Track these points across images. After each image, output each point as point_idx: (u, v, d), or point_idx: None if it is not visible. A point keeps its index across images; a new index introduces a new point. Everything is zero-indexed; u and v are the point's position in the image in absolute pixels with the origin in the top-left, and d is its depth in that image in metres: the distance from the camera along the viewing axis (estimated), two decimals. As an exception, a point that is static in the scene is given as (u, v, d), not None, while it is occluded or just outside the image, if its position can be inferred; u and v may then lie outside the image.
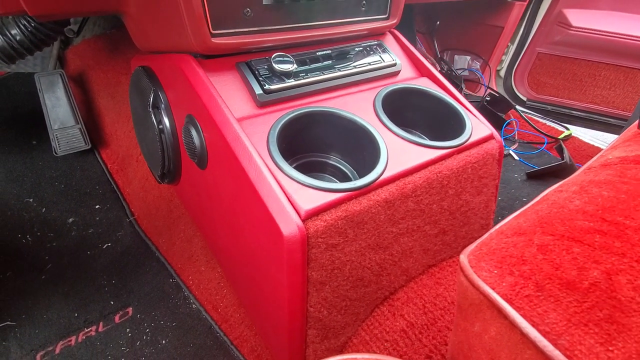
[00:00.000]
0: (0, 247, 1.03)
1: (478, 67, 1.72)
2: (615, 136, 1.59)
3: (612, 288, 0.27)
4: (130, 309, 0.91)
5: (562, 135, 1.41)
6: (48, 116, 1.19)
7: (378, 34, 0.83)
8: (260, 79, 0.63)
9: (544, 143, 1.39)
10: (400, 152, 0.59)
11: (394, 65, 0.76)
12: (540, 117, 1.59)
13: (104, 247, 1.07)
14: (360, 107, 0.66)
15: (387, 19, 0.80)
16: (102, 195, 1.21)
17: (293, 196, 0.49)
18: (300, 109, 0.62)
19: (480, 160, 0.66)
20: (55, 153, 1.17)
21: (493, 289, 0.31)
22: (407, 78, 0.79)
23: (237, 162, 0.53)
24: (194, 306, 0.88)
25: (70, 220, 1.13)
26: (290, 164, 0.67)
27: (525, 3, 1.52)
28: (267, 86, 0.62)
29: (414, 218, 0.60)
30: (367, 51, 0.76)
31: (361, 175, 0.65)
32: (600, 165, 0.51)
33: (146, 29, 0.75)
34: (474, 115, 0.71)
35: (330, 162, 0.67)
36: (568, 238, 0.32)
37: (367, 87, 0.73)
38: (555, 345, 0.26)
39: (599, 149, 1.36)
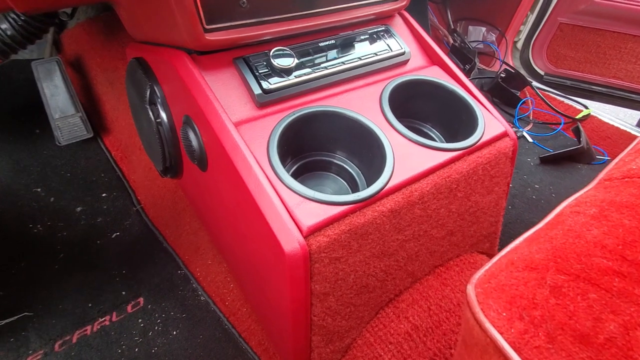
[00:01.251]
0: (14, 237, 1.05)
1: (494, 39, 1.61)
2: (637, 112, 1.51)
3: (629, 346, 0.26)
4: (141, 299, 0.93)
5: (580, 115, 1.34)
6: (48, 105, 1.17)
7: (386, 17, 0.76)
8: (259, 76, 0.59)
9: (560, 124, 1.32)
10: (407, 156, 0.56)
11: (403, 53, 0.71)
12: (557, 95, 1.51)
13: (113, 236, 1.08)
14: (366, 105, 0.62)
15: (395, 0, 0.73)
16: (108, 183, 1.21)
17: (294, 211, 0.47)
18: (302, 110, 0.58)
19: (492, 161, 0.63)
20: (59, 143, 1.16)
21: (501, 334, 0.30)
22: (417, 67, 0.73)
23: (236, 172, 0.51)
24: (202, 298, 0.89)
25: (79, 209, 1.14)
26: (293, 164, 0.65)
27: (549, -33, 1.38)
28: (266, 85, 0.59)
29: (420, 224, 0.58)
30: (374, 38, 0.70)
31: (367, 174, 0.63)
32: (622, 176, 0.47)
33: (138, 20, 0.70)
34: (487, 110, 0.67)
35: (335, 161, 0.65)
36: (584, 279, 0.30)
37: (374, 80, 0.68)
38: (564, 403, 0.25)
39: (618, 130, 1.30)
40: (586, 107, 1.38)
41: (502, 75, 1.45)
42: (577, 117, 1.33)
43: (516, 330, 0.29)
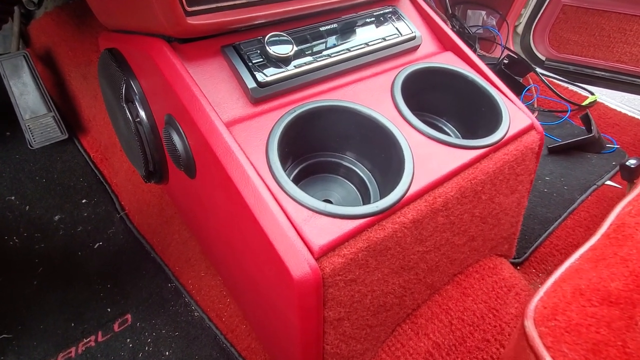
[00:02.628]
0: None
1: (494, 23, 1.54)
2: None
3: None
4: (129, 316, 0.85)
5: (586, 102, 1.29)
6: (17, 105, 1.06)
7: (392, -3, 0.68)
8: (252, 67, 0.51)
9: (567, 111, 1.27)
10: (427, 157, 0.49)
11: (413, 38, 0.63)
12: (561, 81, 1.45)
13: (96, 246, 1.00)
14: (376, 97, 0.55)
15: (402, -23, 0.65)
16: (88, 188, 1.11)
17: (303, 228, 0.40)
18: (305, 105, 0.50)
19: (518, 158, 0.56)
20: (31, 146, 1.06)
21: (588, 396, 0.23)
22: (429, 54, 0.66)
23: (229, 182, 0.43)
24: (196, 314, 0.82)
25: (57, 217, 1.05)
26: (295, 167, 0.57)
27: (553, -55, 1.31)
28: (261, 77, 0.50)
29: (442, 232, 0.51)
30: (381, 21, 0.62)
31: (380, 178, 0.55)
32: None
33: (109, 5, 0.61)
34: (511, 101, 0.60)
35: (343, 162, 0.57)
36: (690, 320, 0.24)
37: (382, 69, 0.60)
38: None
39: (626, 116, 1.24)
40: (592, 94, 1.32)
41: (505, 61, 1.38)
42: (583, 103, 1.28)
43: (610, 393, 0.23)
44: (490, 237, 0.64)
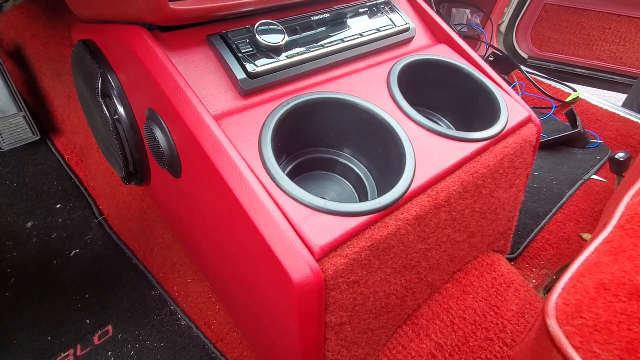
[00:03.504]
0: None
1: (478, 22, 1.55)
2: (620, 95, 1.50)
3: None
4: (109, 328, 0.80)
5: (569, 98, 1.31)
6: (-17, 105, 0.98)
7: (383, -12, 0.66)
8: (242, 58, 0.47)
9: (551, 108, 1.28)
10: (428, 150, 0.47)
11: (407, 30, 0.61)
12: (544, 78, 1.47)
13: (72, 254, 0.93)
14: (373, 90, 0.52)
15: (394, -32, 0.63)
16: (63, 192, 1.05)
17: (302, 227, 0.37)
18: (300, 97, 0.47)
19: (517, 151, 0.55)
20: (0, 149, 0.98)
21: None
22: (423, 46, 0.64)
23: (220, 179, 0.39)
24: (183, 323, 0.77)
25: (29, 224, 0.98)
26: (287, 164, 0.54)
27: (535, -55, 1.33)
28: (251, 68, 0.47)
29: (444, 229, 0.49)
30: (374, 12, 0.60)
31: (377, 175, 0.53)
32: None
33: (81, -9, 0.56)
34: (508, 94, 0.59)
35: (339, 159, 0.54)
36: None
37: (377, 61, 0.58)
38: None
39: (607, 112, 1.27)
40: (575, 90, 1.35)
41: (490, 59, 1.39)
42: (567, 100, 1.30)
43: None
44: (489, 233, 0.62)
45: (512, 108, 0.56)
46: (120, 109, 0.59)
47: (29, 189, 1.03)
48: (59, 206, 1.02)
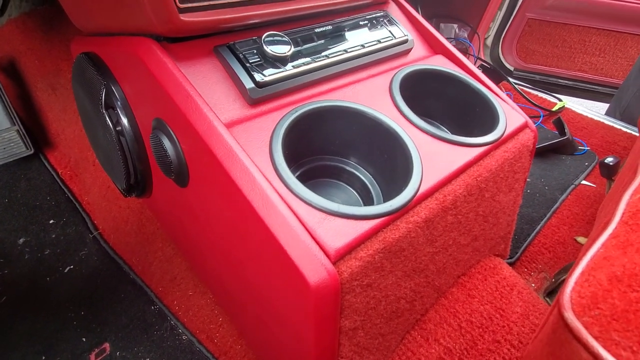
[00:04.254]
0: None
1: (465, 35, 1.61)
2: (603, 105, 1.56)
3: None
4: (107, 345, 0.77)
5: (556, 107, 1.36)
6: (-24, 119, 0.97)
7: (381, 2, 0.69)
8: (250, 67, 0.48)
9: (539, 117, 1.33)
10: (433, 155, 0.48)
11: (406, 41, 0.63)
12: (530, 88, 1.53)
13: (66, 270, 0.91)
14: (376, 98, 0.54)
15: (391, -17, 0.66)
16: (56, 207, 1.03)
17: (317, 231, 0.37)
18: (307, 104, 0.48)
19: (516, 155, 0.57)
20: (-8, 163, 0.97)
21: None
22: (420, 57, 0.66)
23: (232, 185, 0.40)
24: (184, 337, 0.75)
25: (21, 240, 0.96)
26: (294, 170, 0.54)
27: (517, -36, 1.40)
28: (259, 77, 0.48)
29: (450, 232, 0.50)
30: (374, 24, 0.62)
31: (383, 182, 0.54)
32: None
33: (88, 6, 0.57)
34: (504, 101, 0.61)
35: (344, 166, 0.55)
36: None
37: (378, 71, 0.60)
38: None
39: (592, 120, 1.32)
40: (560, 100, 1.40)
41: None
42: (553, 109, 1.35)
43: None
44: (490, 237, 0.64)
45: (509, 114, 0.58)
46: (124, 120, 0.59)
47: (21, 204, 1.01)
48: (52, 221, 0.99)
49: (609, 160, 0.84)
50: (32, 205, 1.01)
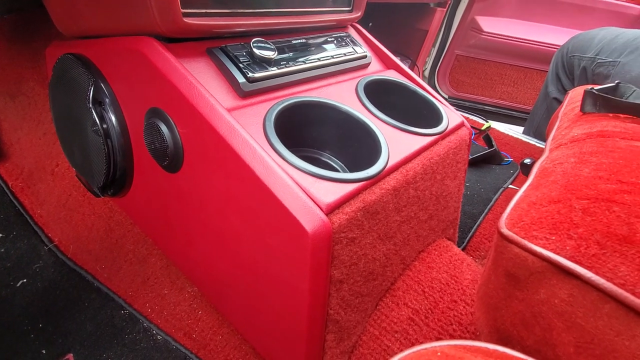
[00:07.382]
0: None
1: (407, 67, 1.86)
2: (518, 127, 1.87)
3: (663, 237, 0.30)
4: (70, 356, 0.73)
5: (484, 127, 1.61)
6: None
7: (342, 26, 0.82)
8: (241, 66, 0.56)
9: (472, 134, 1.56)
10: (395, 141, 0.59)
11: (365, 57, 0.76)
12: (462, 112, 1.79)
13: (18, 284, 0.85)
14: (346, 98, 0.64)
15: (351, 11, 0.80)
16: (5, 220, 0.96)
17: (310, 189, 0.45)
18: (292, 98, 0.57)
19: (457, 147, 0.70)
20: None
21: (557, 253, 0.32)
22: (377, 70, 0.80)
23: (237, 157, 0.46)
24: (159, 337, 0.74)
25: (-36, 257, 0.88)
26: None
27: (445, 9, 1.69)
28: (250, 74, 0.56)
29: (412, 205, 0.61)
30: (339, 42, 0.74)
31: (353, 171, 0.63)
32: (570, 141, 0.58)
33: (79, 8, 0.61)
34: (445, 105, 0.76)
35: (322, 158, 0.64)
36: (603, 200, 0.35)
37: (344, 79, 0.71)
38: (634, 293, 0.28)
39: (513, 138, 1.59)
40: (487, 121, 1.66)
41: (420, 96, 1.66)
42: (482, 128, 1.59)
43: (570, 247, 0.32)
44: (442, 219, 0.75)
45: (450, 115, 0.73)
46: (112, 115, 0.63)
47: (-37, 219, 0.93)
48: (0, 235, 0.93)
49: (527, 161, 1.04)
50: (-24, 219, 0.94)
